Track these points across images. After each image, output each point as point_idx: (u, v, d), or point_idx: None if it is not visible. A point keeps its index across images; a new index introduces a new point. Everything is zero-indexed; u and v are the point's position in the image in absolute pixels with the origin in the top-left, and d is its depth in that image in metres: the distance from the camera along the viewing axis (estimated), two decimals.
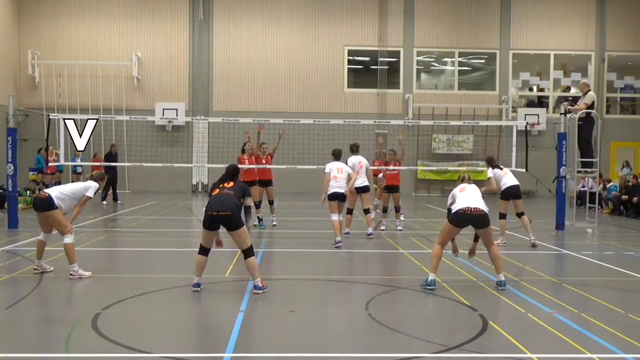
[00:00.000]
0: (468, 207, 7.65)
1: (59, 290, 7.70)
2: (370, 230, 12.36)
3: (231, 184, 7.61)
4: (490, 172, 11.74)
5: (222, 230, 7.43)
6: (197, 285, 7.46)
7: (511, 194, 11.66)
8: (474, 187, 8.12)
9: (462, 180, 8.29)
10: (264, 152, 13.87)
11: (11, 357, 5.17)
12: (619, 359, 5.26)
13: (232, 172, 7.81)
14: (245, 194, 7.63)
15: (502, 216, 11.76)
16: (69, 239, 8.23)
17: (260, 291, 7.33)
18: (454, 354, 5.29)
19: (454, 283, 7.99)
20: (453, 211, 7.79)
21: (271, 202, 13.88)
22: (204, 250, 7.47)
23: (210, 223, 7.31)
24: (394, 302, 7.38)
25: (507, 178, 11.73)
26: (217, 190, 7.50)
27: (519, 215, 11.81)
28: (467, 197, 7.84)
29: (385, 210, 14.13)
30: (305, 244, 11.73)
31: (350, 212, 12.39)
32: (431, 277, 7.63)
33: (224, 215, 7.21)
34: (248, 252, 7.35)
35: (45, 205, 8.21)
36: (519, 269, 9.30)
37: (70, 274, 8.12)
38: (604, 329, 6.00)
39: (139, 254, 10.67)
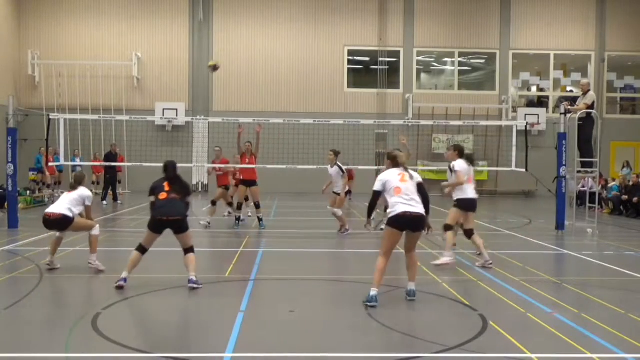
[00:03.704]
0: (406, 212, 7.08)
1: (59, 290, 7.69)
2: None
3: (175, 186, 7.76)
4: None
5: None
6: (124, 280, 7.55)
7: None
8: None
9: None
10: (248, 151, 13.75)
11: (11, 357, 5.17)
12: (619, 359, 5.26)
13: (173, 169, 7.92)
14: (188, 194, 7.89)
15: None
16: (96, 231, 8.70)
17: (195, 285, 7.49)
18: (454, 354, 5.29)
19: (454, 283, 7.99)
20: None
21: (257, 205, 13.70)
22: (143, 249, 7.71)
23: (159, 227, 7.65)
24: (394, 302, 7.37)
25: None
26: (164, 195, 7.67)
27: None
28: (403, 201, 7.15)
29: (387, 209, 14.14)
30: (305, 244, 11.72)
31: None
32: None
33: (174, 220, 7.59)
34: (190, 250, 7.76)
35: (65, 224, 8.51)
36: (519, 269, 9.29)
37: (89, 263, 8.52)
38: (604, 329, 6.00)
39: None
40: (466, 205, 9.29)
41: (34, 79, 26.40)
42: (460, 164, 9.29)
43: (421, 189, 7.24)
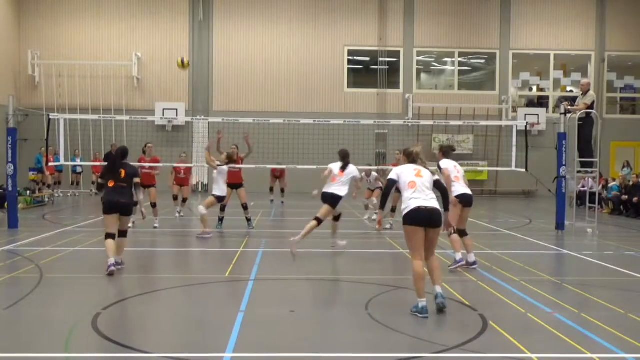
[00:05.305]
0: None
1: (59, 290, 7.69)
2: None
3: (124, 174, 8.56)
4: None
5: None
6: (115, 264, 8.28)
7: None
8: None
9: None
10: (234, 155, 13.90)
11: (11, 357, 5.17)
12: (619, 359, 5.26)
13: (123, 155, 8.73)
14: (135, 175, 8.70)
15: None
16: None
17: (120, 266, 8.42)
18: (454, 354, 5.29)
19: (454, 283, 7.99)
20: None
21: (245, 207, 13.77)
22: (111, 235, 8.47)
23: (110, 209, 8.48)
24: (394, 302, 7.36)
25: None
26: (113, 183, 8.53)
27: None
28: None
29: (393, 210, 14.14)
30: (305, 244, 11.70)
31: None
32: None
33: (122, 203, 8.47)
34: (125, 234, 8.69)
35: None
36: (519, 269, 9.29)
37: None
38: (604, 329, 6.00)
39: (139, 254, 10.65)
40: (464, 200, 8.89)
41: (34, 79, 26.40)
42: (445, 163, 9.05)
43: (439, 185, 6.99)
